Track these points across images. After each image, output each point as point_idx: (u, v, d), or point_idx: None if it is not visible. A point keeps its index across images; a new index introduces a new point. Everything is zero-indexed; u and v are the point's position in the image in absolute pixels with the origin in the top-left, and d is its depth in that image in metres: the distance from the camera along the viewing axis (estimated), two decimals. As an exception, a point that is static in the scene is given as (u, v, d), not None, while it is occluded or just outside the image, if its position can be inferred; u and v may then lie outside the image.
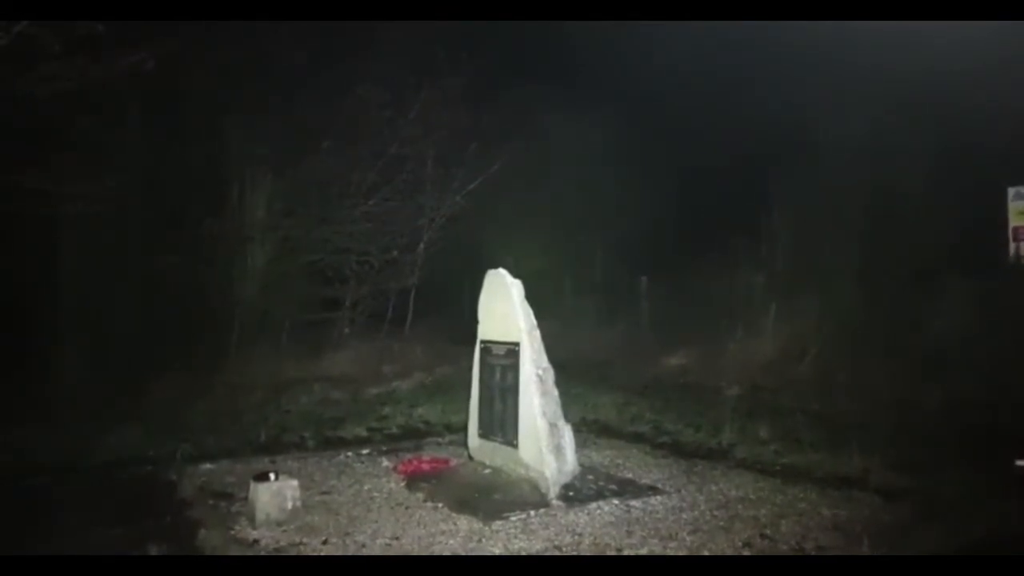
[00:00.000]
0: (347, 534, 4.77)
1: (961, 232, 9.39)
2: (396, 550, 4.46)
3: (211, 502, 5.60)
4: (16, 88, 6.91)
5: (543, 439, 5.54)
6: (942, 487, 5.29)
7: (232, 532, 4.86)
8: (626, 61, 11.66)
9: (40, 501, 5.82)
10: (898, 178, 9.99)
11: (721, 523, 4.90)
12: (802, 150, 10.76)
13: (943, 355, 7.92)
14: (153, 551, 4.58)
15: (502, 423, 5.99)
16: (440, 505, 5.35)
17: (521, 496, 5.41)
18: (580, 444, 6.08)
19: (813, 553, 4.29)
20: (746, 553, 4.36)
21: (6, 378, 8.54)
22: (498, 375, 6.09)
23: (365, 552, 4.43)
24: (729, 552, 4.37)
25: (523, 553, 4.38)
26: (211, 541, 4.75)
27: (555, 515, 5.07)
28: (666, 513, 5.13)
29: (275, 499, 5.06)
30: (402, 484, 5.97)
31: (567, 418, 5.85)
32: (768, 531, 4.72)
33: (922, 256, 9.42)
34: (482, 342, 6.35)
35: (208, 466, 6.69)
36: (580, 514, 5.09)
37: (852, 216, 10.37)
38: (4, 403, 7.95)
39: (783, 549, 4.41)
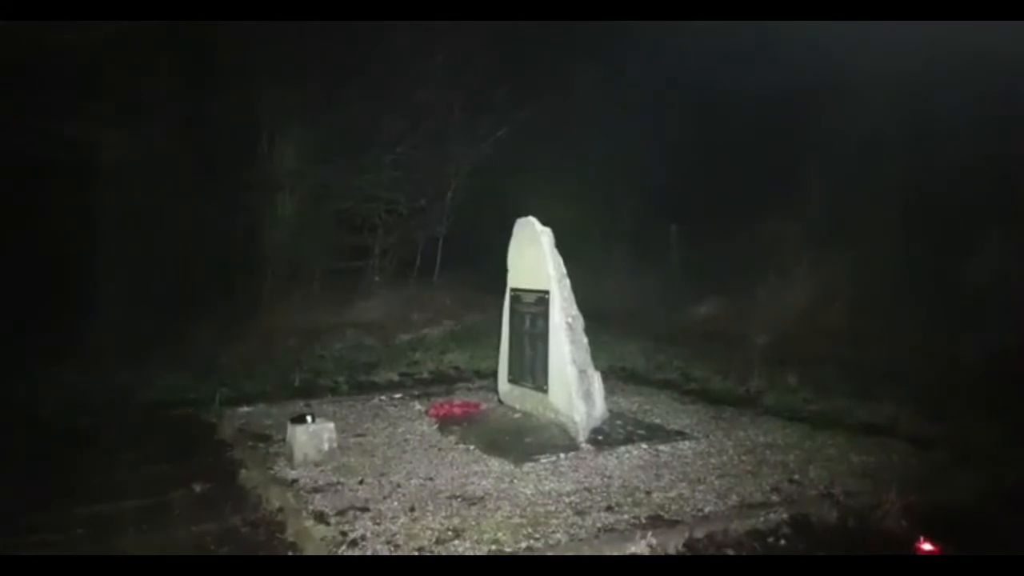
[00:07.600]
0: (383, 474, 4.92)
1: (1003, 179, 9.10)
2: (430, 490, 4.59)
3: (250, 443, 5.79)
4: (52, 36, 6.96)
5: (573, 385, 5.61)
6: (975, 436, 5.29)
7: (272, 472, 5.04)
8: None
9: (91, 439, 6.07)
10: (938, 123, 9.67)
11: (749, 468, 4.96)
12: (838, 95, 10.43)
13: (981, 305, 7.79)
14: (198, 489, 4.80)
15: (532, 369, 6.07)
16: (472, 447, 5.48)
17: (551, 439, 5.52)
18: (609, 391, 6.15)
19: (841, 499, 4.33)
20: (775, 498, 4.41)
21: (52, 322, 8.82)
22: (528, 322, 6.14)
23: (400, 492, 4.57)
24: (758, 496, 4.43)
25: (554, 493, 4.48)
26: (252, 480, 4.95)
27: (585, 458, 5.17)
28: (694, 457, 5.20)
29: (312, 440, 5.22)
30: (434, 427, 6.11)
31: (596, 365, 5.91)
32: (796, 476, 4.77)
33: (962, 203, 9.18)
34: (512, 290, 6.38)
35: (246, 409, 6.90)
36: (609, 457, 5.18)
37: (889, 162, 10.11)
38: (51, 346, 8.24)
39: (811, 494, 4.46)
